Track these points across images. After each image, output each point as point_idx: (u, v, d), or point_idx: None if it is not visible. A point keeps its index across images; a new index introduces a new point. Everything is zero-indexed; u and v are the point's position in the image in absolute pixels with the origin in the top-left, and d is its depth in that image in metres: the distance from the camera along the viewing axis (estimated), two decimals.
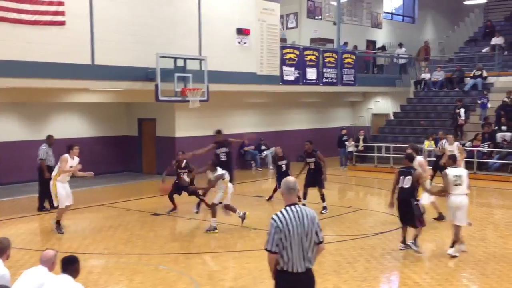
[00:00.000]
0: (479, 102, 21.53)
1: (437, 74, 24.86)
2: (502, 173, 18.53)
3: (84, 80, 14.62)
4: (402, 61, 27.00)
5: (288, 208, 5.07)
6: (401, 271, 8.98)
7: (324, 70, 22.09)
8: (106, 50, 14.68)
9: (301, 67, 20.99)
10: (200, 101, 16.43)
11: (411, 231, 9.88)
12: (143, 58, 15.32)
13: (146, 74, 15.38)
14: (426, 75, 25.05)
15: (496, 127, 20.06)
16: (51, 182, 11.37)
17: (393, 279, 8.89)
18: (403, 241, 10.00)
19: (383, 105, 26.14)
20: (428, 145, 20.01)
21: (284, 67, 20.35)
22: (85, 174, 11.59)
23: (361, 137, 22.13)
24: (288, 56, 20.60)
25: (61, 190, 11.27)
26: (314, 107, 25.13)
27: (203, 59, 16.41)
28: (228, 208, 11.82)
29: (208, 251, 10.20)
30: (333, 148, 22.69)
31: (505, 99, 21.00)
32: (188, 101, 15.96)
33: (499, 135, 19.49)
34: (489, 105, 21.21)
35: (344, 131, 22.73)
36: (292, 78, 20.74)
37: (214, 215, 11.44)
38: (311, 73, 21.63)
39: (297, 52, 21.02)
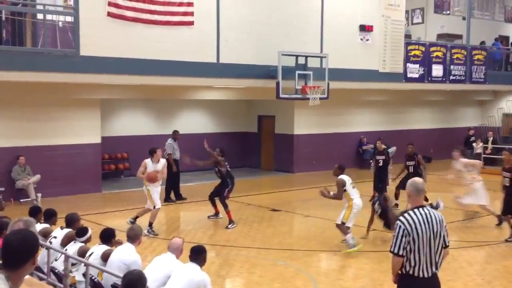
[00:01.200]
0: None
1: None
2: None
3: (210, 78, 15.17)
4: None
5: (416, 210, 4.87)
6: None
7: (452, 67, 21.04)
8: (230, 49, 15.12)
9: (427, 64, 20.15)
10: (320, 98, 16.38)
11: None
12: (265, 56, 15.57)
13: (267, 72, 15.62)
14: None
15: None
16: (144, 188, 11.11)
17: None
18: None
19: None
20: None
21: (408, 64, 19.68)
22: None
23: (490, 139, 20.81)
24: (412, 52, 19.88)
25: (155, 194, 10.98)
26: (439, 105, 24.03)
27: (324, 57, 16.32)
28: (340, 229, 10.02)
29: (326, 249, 10.13)
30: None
31: None
32: (308, 98, 15.98)
33: None
34: None
35: (471, 132, 21.51)
36: (416, 75, 19.99)
37: (345, 232, 9.80)
38: (437, 70, 20.70)
39: (423, 49, 20.21)
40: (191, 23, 14.36)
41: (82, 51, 12.84)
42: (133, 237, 6.15)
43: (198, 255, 5.58)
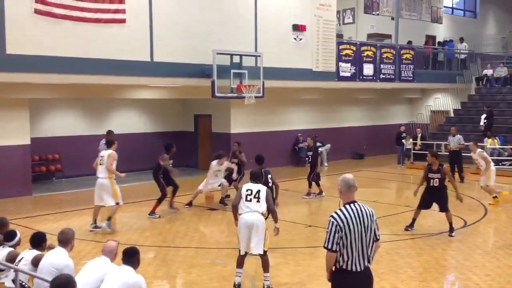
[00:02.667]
0: None
1: (499, 71, 23.99)
2: None
3: (143, 77, 14.95)
4: (462, 56, 26.19)
5: (347, 206, 5.01)
6: (462, 272, 8.71)
7: (382, 66, 21.71)
8: (164, 47, 14.95)
9: (358, 63, 20.70)
10: (256, 97, 16.50)
11: None
12: (200, 55, 15.51)
13: (202, 71, 15.57)
14: (489, 71, 24.21)
15: None
16: (108, 181, 11.13)
17: (453, 280, 8.65)
18: None
19: (443, 102, 25.43)
20: (490, 143, 19.39)
21: (340, 63, 20.15)
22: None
23: (419, 135, 21.63)
24: (344, 52, 20.37)
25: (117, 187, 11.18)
26: (371, 103, 24.74)
27: (259, 56, 16.45)
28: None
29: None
30: (391, 145, 22.31)
31: None
32: (243, 97, 16.04)
33: None
34: None
35: (402, 128, 22.27)
36: (348, 74, 20.50)
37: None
38: (368, 69, 21.32)
39: (354, 48, 20.75)
40: (122, 21, 14.08)
41: (8, 49, 12.36)
42: (65, 241, 5.96)
43: (131, 257, 5.47)
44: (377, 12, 25.75)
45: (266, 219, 7.75)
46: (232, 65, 15.85)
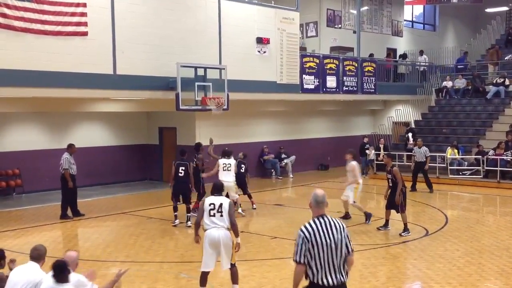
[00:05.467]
0: None
1: (458, 82, 24.63)
2: None
3: (106, 90, 14.79)
4: (422, 69, 26.82)
5: (315, 219, 5.07)
6: (424, 281, 8.86)
7: (344, 78, 22.04)
8: (127, 60, 14.85)
9: (321, 76, 20.96)
10: (222, 109, 16.53)
11: None
12: (164, 68, 15.45)
13: (167, 84, 15.52)
14: (448, 83, 24.83)
15: None
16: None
17: None
18: None
19: (404, 113, 25.94)
20: (450, 153, 19.85)
21: (304, 76, 20.35)
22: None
23: (382, 146, 21.97)
24: (308, 64, 20.60)
25: None
26: (335, 115, 25.05)
27: (223, 68, 16.50)
28: None
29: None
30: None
31: None
32: (208, 109, 16.05)
33: None
34: None
35: (366, 139, 22.61)
36: (312, 86, 20.72)
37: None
38: (331, 82, 21.60)
39: (317, 61, 21.01)
40: (84, 34, 13.93)
41: None
42: (37, 257, 5.99)
43: (61, 272, 5.39)
44: (340, 26, 26.21)
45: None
46: (196, 78, 15.84)
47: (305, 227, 5.00)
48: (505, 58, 25.48)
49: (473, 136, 21.07)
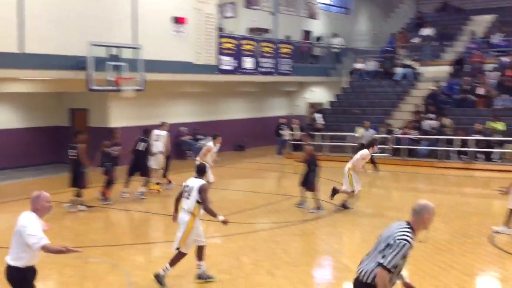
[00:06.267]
0: None
1: (369, 64, 25.51)
2: (430, 159, 19.26)
3: (12, 69, 14.10)
4: (336, 51, 27.52)
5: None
6: (333, 255, 9.23)
7: (261, 59, 22.23)
8: (35, 38, 14.20)
9: (239, 57, 21.03)
10: (137, 90, 16.22)
11: None
12: (74, 47, 14.92)
13: (77, 63, 15.00)
14: (360, 65, 25.64)
15: (425, 115, 20.83)
16: None
17: (325, 264, 9.12)
18: None
19: (319, 94, 26.60)
20: (360, 132, 20.59)
21: (221, 57, 20.33)
22: None
23: (296, 126, 22.44)
24: (225, 45, 20.59)
25: None
26: (252, 96, 25.25)
27: (138, 48, 16.16)
28: None
29: (142, 242, 10.11)
30: (271, 137, 22.93)
31: (434, 88, 21.86)
32: (121, 90, 15.70)
33: (427, 123, 20.25)
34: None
35: (282, 120, 23.00)
36: (229, 67, 20.75)
37: None
38: (248, 63, 21.74)
39: (235, 42, 21.04)
40: None
41: None
42: None
43: None
44: (257, 7, 26.29)
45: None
46: (109, 58, 15.43)
47: (410, 237, 4.64)
48: (412, 41, 26.54)
49: (382, 116, 21.97)
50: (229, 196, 14.18)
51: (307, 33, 28.59)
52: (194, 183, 7.54)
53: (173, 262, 7.55)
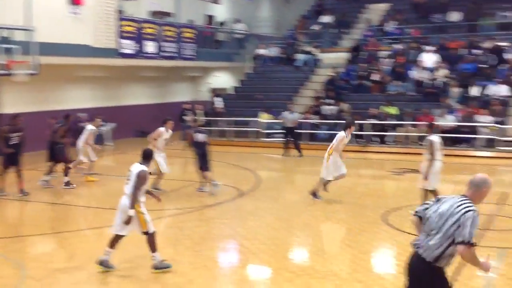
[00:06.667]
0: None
1: (272, 50, 25.90)
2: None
3: None
4: (239, 36, 27.68)
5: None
6: (235, 239, 9.34)
7: (164, 44, 21.88)
8: None
9: (140, 41, 20.56)
10: (31, 74, 15.41)
11: None
12: None
13: None
14: (263, 51, 25.96)
15: (324, 100, 21.53)
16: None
17: (229, 247, 9.22)
18: None
19: (223, 80, 26.67)
20: (265, 117, 20.94)
21: (121, 40, 19.79)
22: None
23: (199, 112, 22.37)
24: (125, 28, 20.06)
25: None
26: (155, 81, 24.83)
27: (31, 30, 15.33)
28: None
29: (38, 233, 9.69)
30: (176, 123, 22.64)
31: (332, 74, 22.62)
32: (12, 74, 14.87)
33: (326, 108, 20.95)
34: None
35: (186, 106, 22.80)
36: (130, 51, 20.26)
37: None
38: (150, 47, 21.33)
39: (136, 25, 20.55)
40: None
41: None
42: None
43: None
44: None
45: None
46: (0, 40, 14.53)
47: (474, 207, 4.55)
48: (311, 28, 27.22)
49: (284, 102, 22.41)
50: None
51: (210, 18, 28.51)
52: (136, 168, 7.43)
53: (152, 246, 7.46)
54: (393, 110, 19.90)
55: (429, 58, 21.49)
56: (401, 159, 16.87)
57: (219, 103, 23.22)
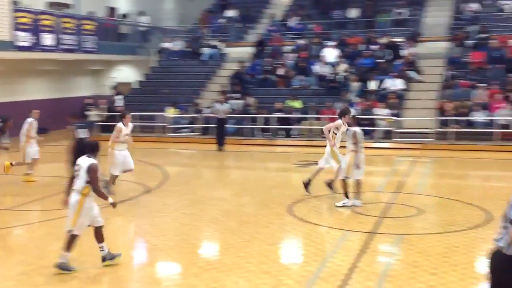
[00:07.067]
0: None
1: (177, 44, 25.65)
2: (237, 137, 20.07)
3: None
4: (143, 29, 27.15)
5: None
6: (141, 235, 9.18)
7: (63, 36, 20.99)
8: None
9: (37, 33, 19.59)
10: None
11: None
12: None
13: None
14: (168, 44, 25.64)
15: (231, 95, 21.64)
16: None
17: (136, 245, 9.05)
18: None
19: (127, 73, 26.05)
20: (172, 112, 20.72)
21: (16, 32, 18.75)
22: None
23: (103, 107, 21.75)
24: (21, 20, 19.03)
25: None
26: (54, 75, 23.76)
27: None
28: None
29: None
30: (78, 118, 21.82)
31: (238, 68, 22.78)
32: None
33: (233, 102, 21.06)
34: None
35: (89, 101, 22.06)
36: (26, 44, 19.28)
37: None
38: (48, 39, 20.41)
39: (32, 16, 19.56)
40: None
41: None
42: None
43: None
44: None
45: None
46: None
47: None
48: (218, 21, 27.26)
49: (191, 96, 22.30)
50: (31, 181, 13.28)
51: (112, 10, 27.70)
52: (84, 162, 7.14)
53: (68, 246, 7.16)
54: (297, 104, 20.40)
55: (330, 53, 22.23)
56: (306, 152, 17.34)
57: (119, 101, 22.52)
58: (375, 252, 8.11)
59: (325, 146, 11.12)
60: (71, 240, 7.22)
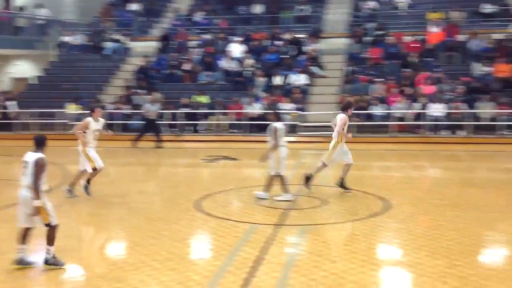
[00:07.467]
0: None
1: (78, 38, 24.76)
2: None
3: None
4: (41, 22, 25.94)
5: None
6: (43, 238, 8.81)
7: None
8: None
9: None
10: None
11: None
12: None
13: None
14: (68, 38, 24.68)
15: (136, 90, 21.23)
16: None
17: (34, 248, 8.65)
18: None
19: (24, 68, 24.79)
20: (73, 108, 19.99)
21: None
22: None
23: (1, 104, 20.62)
24: None
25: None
26: None
27: None
28: None
29: None
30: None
31: (143, 63, 22.38)
32: None
33: (138, 98, 20.67)
34: None
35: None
36: None
37: None
38: None
39: None
40: None
41: None
42: None
43: None
44: None
45: None
46: None
47: None
48: (124, 16, 26.62)
49: (94, 91, 21.63)
50: None
51: (7, 2, 26.22)
52: (31, 157, 6.87)
53: (50, 240, 7.18)
54: (204, 99, 20.39)
55: (236, 49, 22.39)
56: (213, 147, 17.38)
57: (12, 107, 21.19)
58: (281, 244, 8.29)
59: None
60: (52, 232, 7.24)
